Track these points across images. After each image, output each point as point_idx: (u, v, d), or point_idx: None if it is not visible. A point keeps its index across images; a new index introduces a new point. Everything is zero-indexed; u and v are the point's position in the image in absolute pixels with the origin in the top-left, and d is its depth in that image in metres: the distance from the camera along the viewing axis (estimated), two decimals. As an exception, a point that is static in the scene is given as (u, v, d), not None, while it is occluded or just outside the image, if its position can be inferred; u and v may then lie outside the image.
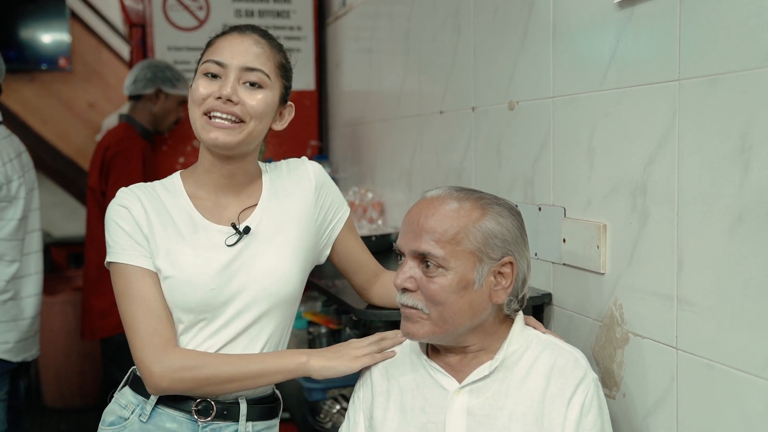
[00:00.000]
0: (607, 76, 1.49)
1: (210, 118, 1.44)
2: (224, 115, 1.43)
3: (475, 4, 2.07)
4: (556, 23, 1.67)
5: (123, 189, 1.51)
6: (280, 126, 1.54)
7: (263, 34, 1.50)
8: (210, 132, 1.44)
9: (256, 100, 1.45)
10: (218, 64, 1.44)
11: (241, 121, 1.44)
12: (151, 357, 1.40)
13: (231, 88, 1.43)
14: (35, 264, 2.73)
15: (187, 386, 1.42)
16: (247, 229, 1.49)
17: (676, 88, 1.30)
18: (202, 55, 1.50)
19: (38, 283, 2.75)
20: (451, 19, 2.22)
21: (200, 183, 1.52)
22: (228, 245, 1.47)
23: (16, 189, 2.60)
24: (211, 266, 1.46)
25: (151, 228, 1.46)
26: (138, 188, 1.51)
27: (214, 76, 1.45)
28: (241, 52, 1.45)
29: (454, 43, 2.20)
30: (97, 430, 1.54)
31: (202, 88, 1.45)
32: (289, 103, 1.55)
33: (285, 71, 1.52)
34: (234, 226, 1.49)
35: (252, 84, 1.45)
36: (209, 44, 1.50)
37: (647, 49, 1.38)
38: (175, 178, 1.54)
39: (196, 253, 1.46)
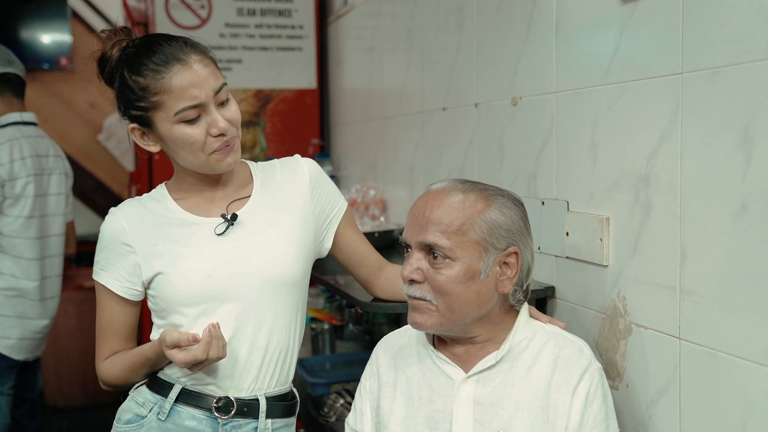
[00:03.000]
0: (609, 71, 1.51)
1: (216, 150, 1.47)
2: (229, 143, 1.47)
3: (478, 0, 2.08)
4: (559, 19, 1.69)
5: (112, 210, 1.54)
6: None
7: (192, 46, 1.45)
8: (226, 159, 1.47)
9: (232, 112, 1.48)
10: (196, 107, 1.42)
11: (234, 137, 1.48)
12: (96, 366, 1.58)
13: (224, 122, 1.44)
14: (56, 267, 2.79)
15: (112, 389, 1.59)
16: (234, 217, 1.51)
17: (679, 81, 1.32)
18: (148, 101, 1.42)
19: (58, 285, 2.80)
20: (453, 15, 2.24)
21: (187, 187, 1.55)
22: (217, 234, 1.50)
23: (22, 187, 2.64)
24: (204, 255, 1.49)
25: (139, 238, 1.50)
26: (124, 204, 1.55)
27: (195, 118, 1.43)
28: (203, 82, 1.42)
29: (456, 39, 2.22)
30: (97, 428, 1.56)
31: (195, 134, 1.43)
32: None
33: (216, 62, 1.52)
34: (223, 215, 1.52)
35: (225, 101, 1.47)
36: (153, 89, 1.40)
37: (650, 43, 1.40)
38: (161, 188, 1.59)
39: (188, 248, 1.49)
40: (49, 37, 5.14)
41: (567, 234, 1.67)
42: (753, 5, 1.17)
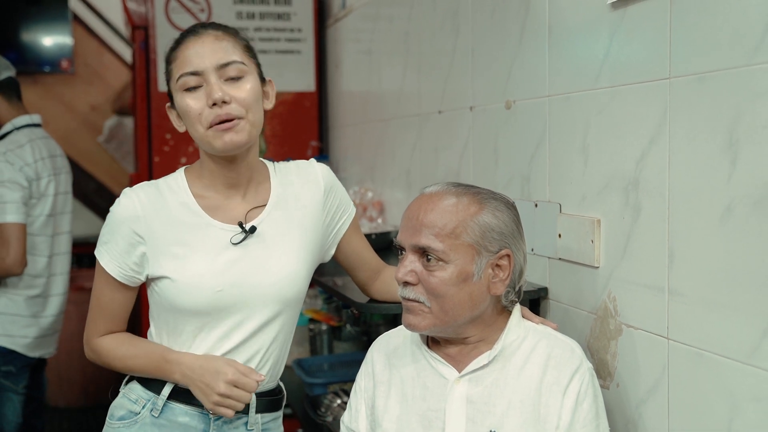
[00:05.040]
0: (600, 75, 1.54)
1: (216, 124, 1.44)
2: (225, 118, 1.42)
3: (473, 5, 2.11)
4: (552, 24, 1.72)
5: (126, 190, 1.51)
6: (269, 105, 1.54)
7: (216, 26, 1.48)
8: (223, 136, 1.42)
9: (245, 92, 1.44)
10: (194, 74, 1.43)
11: (240, 117, 1.44)
12: (86, 337, 1.57)
13: (219, 91, 1.41)
14: (64, 264, 2.87)
15: (98, 363, 1.58)
16: (252, 229, 1.50)
17: (667, 86, 1.35)
18: (168, 71, 1.49)
19: (65, 283, 2.87)
20: (449, 19, 2.27)
21: (208, 185, 1.52)
22: (233, 243, 1.49)
23: (45, 186, 2.75)
24: (217, 266, 1.47)
25: (152, 231, 1.47)
26: (141, 189, 1.51)
27: (195, 87, 1.44)
28: (208, 52, 1.43)
29: (452, 43, 2.25)
30: (98, 429, 1.58)
31: (192, 103, 1.43)
32: (268, 79, 1.55)
33: (252, 51, 1.52)
34: (240, 224, 1.50)
35: (233, 78, 1.44)
36: (171, 59, 1.48)
37: (639, 48, 1.43)
38: (179, 176, 1.54)
39: (201, 255, 1.47)
40: (50, 40, 5.17)
41: (559, 236, 1.69)
42: (738, 13, 1.20)
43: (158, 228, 1.48)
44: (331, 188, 1.62)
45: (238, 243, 1.49)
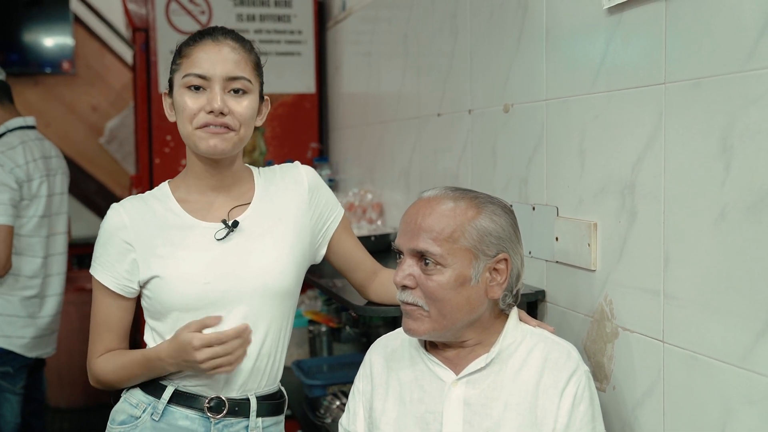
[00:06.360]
0: (597, 80, 1.55)
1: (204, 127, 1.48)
2: (217, 126, 1.48)
3: (471, 9, 2.12)
4: (549, 28, 1.73)
5: (114, 205, 1.56)
6: (260, 122, 1.59)
7: (235, 37, 1.52)
8: (209, 140, 1.48)
9: (243, 107, 1.49)
10: (201, 77, 1.47)
11: (233, 129, 1.49)
12: (87, 364, 1.59)
13: (220, 101, 1.46)
14: (60, 265, 2.89)
15: (101, 387, 1.59)
16: (235, 223, 1.53)
17: (662, 91, 1.36)
18: (175, 63, 1.52)
19: (61, 283, 2.89)
20: (448, 22, 2.28)
21: (192, 188, 1.57)
22: (217, 239, 1.52)
23: (37, 187, 2.76)
24: (203, 261, 1.51)
25: (140, 238, 1.52)
26: (126, 201, 1.57)
27: (197, 87, 1.48)
28: (221, 62, 1.47)
29: (451, 46, 2.26)
30: (99, 429, 1.59)
31: (190, 102, 1.48)
32: (266, 97, 1.60)
33: (260, 69, 1.56)
34: (224, 221, 1.54)
35: (236, 91, 1.49)
36: (182, 53, 1.51)
37: (635, 53, 1.44)
38: (164, 186, 1.60)
39: (187, 252, 1.51)
40: (51, 41, 5.18)
41: (557, 239, 1.70)
42: (732, 19, 1.21)
43: (145, 234, 1.52)
44: (315, 187, 1.65)
45: (222, 238, 1.53)
